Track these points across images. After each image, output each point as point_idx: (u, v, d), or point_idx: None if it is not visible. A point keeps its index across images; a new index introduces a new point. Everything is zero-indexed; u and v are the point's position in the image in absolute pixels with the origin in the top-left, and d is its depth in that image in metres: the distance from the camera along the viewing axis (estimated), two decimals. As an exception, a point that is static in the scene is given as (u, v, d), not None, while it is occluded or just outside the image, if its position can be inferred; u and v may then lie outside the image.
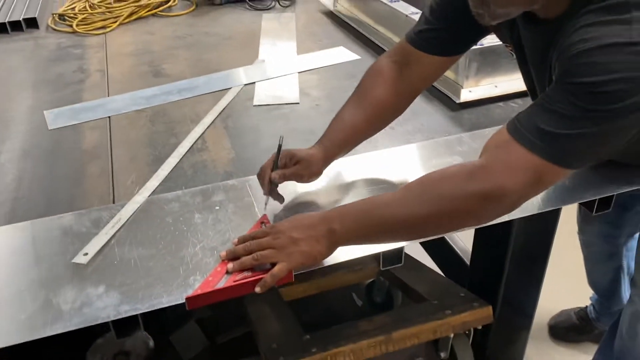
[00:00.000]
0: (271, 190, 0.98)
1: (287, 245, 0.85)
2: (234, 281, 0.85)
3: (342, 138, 1.03)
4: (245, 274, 0.87)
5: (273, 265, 0.85)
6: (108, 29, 1.95)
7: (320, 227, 0.86)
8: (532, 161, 0.78)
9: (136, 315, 0.83)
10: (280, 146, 0.98)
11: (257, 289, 0.84)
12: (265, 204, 1.00)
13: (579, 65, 0.75)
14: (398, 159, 1.17)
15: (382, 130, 1.24)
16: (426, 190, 0.84)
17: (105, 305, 0.82)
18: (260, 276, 0.85)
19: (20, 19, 1.98)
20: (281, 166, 0.99)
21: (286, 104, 1.40)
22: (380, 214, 0.85)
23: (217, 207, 1.02)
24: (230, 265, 0.87)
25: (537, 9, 0.86)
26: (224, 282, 0.85)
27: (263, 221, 0.98)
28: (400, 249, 0.95)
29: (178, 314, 1.56)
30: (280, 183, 0.99)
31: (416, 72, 1.06)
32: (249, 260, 0.86)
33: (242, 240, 0.91)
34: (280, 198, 1.01)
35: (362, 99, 1.06)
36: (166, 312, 1.52)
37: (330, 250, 0.87)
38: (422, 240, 0.94)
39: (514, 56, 1.04)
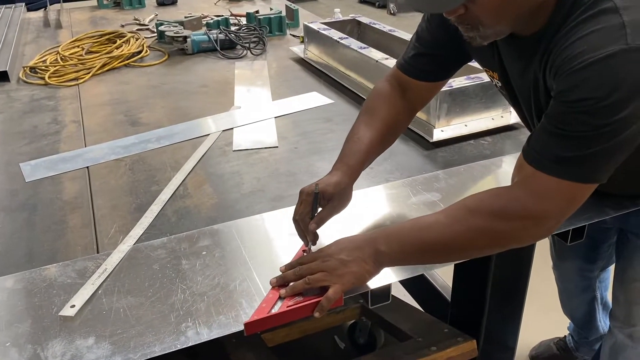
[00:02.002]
0: (312, 236, 0.99)
1: (337, 267, 0.87)
2: (287, 306, 0.87)
3: (363, 157, 1.06)
4: (297, 299, 0.89)
5: (322, 289, 0.87)
6: (81, 80, 1.96)
7: (367, 248, 0.89)
8: (563, 187, 0.82)
9: (126, 366, 0.82)
10: (317, 195, 0.97)
11: (316, 314, 0.86)
12: (309, 245, 1.00)
13: (582, 80, 0.76)
14: (379, 197, 1.20)
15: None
16: (468, 213, 0.87)
17: (96, 356, 0.80)
18: (314, 300, 0.87)
19: (-9, 73, 1.98)
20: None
21: (265, 148, 1.43)
22: (424, 236, 0.89)
23: (204, 252, 1.02)
24: (282, 291, 0.89)
25: (518, 28, 0.90)
26: (277, 308, 0.87)
27: (304, 249, 1.00)
28: (388, 287, 0.97)
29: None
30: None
31: (410, 95, 1.14)
32: (300, 285, 0.88)
33: (290, 266, 0.94)
34: (316, 237, 1.00)
35: (371, 119, 1.11)
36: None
37: (377, 271, 0.90)
38: (463, 261, 0.97)
39: (494, 81, 1.09)
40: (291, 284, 0.90)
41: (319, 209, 1.00)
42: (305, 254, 0.98)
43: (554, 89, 0.82)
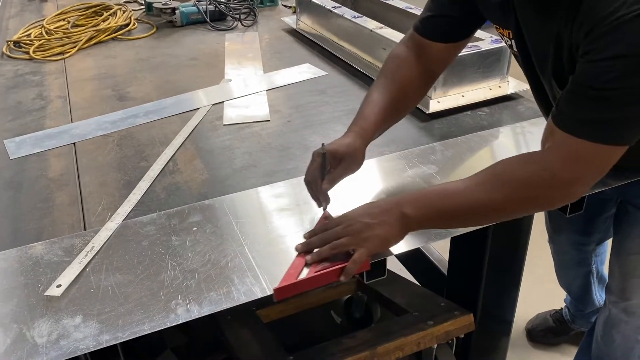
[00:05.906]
0: (324, 197, 0.99)
1: (362, 231, 0.86)
2: (315, 272, 0.87)
3: (376, 120, 1.04)
4: (325, 264, 0.88)
5: (348, 254, 0.87)
6: (67, 55, 1.90)
7: (393, 211, 0.87)
8: (597, 150, 0.79)
9: (115, 345, 0.80)
10: (324, 155, 0.97)
11: (342, 278, 0.85)
12: (323, 207, 1.00)
13: (619, 37, 0.72)
14: (374, 171, 1.17)
15: (356, 143, 1.25)
16: (499, 181, 0.86)
17: (84, 335, 0.78)
18: (340, 265, 0.86)
19: (-26, 48, 1.92)
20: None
21: (257, 122, 1.39)
22: (452, 200, 0.87)
23: (195, 228, 0.99)
24: (308, 257, 0.89)
25: None
26: (305, 274, 0.87)
27: (326, 216, 0.99)
28: (383, 261, 0.95)
29: (153, 344, 1.50)
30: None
31: (428, 57, 1.10)
32: (326, 250, 0.88)
33: (313, 233, 0.93)
34: (328, 199, 1.00)
35: (388, 82, 1.09)
36: (141, 343, 1.46)
37: (403, 235, 0.89)
38: (490, 224, 0.98)
39: (504, 39, 1.05)
40: (316, 250, 0.89)
41: (331, 171, 0.99)
42: (327, 220, 0.97)
43: (585, 47, 0.78)
